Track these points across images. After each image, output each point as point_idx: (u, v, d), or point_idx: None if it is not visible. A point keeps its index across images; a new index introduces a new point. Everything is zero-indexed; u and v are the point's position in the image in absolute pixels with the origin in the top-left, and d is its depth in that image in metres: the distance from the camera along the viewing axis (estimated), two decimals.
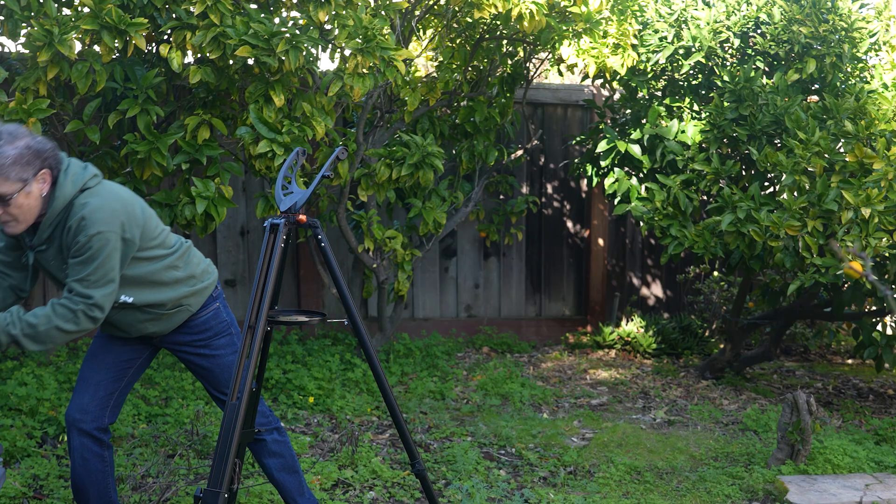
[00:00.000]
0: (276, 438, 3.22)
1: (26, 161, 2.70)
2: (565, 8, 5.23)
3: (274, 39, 4.06)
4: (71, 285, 2.79)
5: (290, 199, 2.83)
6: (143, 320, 3.01)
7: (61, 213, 2.80)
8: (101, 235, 2.77)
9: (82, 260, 2.77)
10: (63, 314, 2.77)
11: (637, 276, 7.35)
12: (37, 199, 2.75)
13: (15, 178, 2.69)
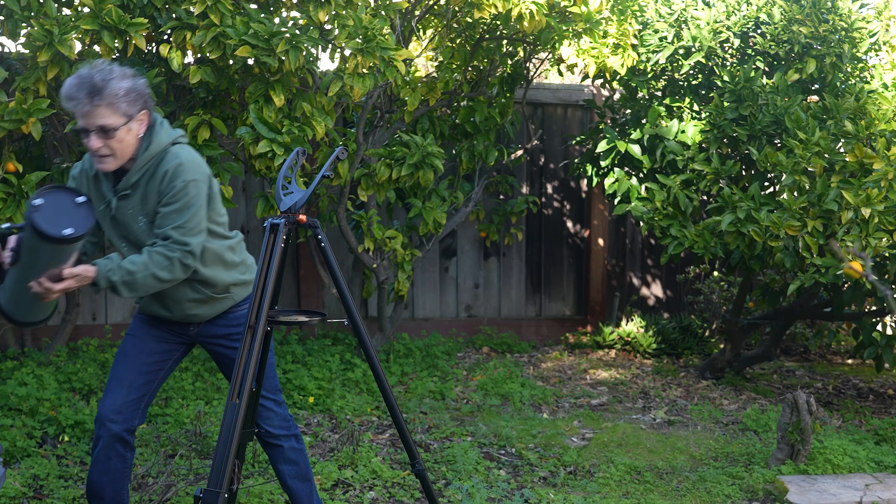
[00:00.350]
0: (293, 446, 3.20)
1: (133, 98, 2.80)
2: (565, 8, 5.23)
3: (274, 39, 4.07)
4: (167, 233, 2.83)
5: (290, 199, 2.83)
6: (192, 299, 3.01)
7: (153, 159, 2.87)
8: (196, 183, 2.87)
9: (179, 207, 2.84)
10: (159, 262, 2.82)
11: (637, 276, 7.35)
12: (135, 137, 2.84)
13: (122, 113, 2.78)
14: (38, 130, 4.01)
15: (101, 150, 2.81)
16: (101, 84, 2.75)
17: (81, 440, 4.19)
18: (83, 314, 5.80)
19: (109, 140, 2.79)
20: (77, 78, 2.78)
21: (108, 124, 2.77)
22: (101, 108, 2.76)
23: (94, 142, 2.79)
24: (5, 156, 4.22)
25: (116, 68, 2.82)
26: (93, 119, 2.77)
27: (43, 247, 2.62)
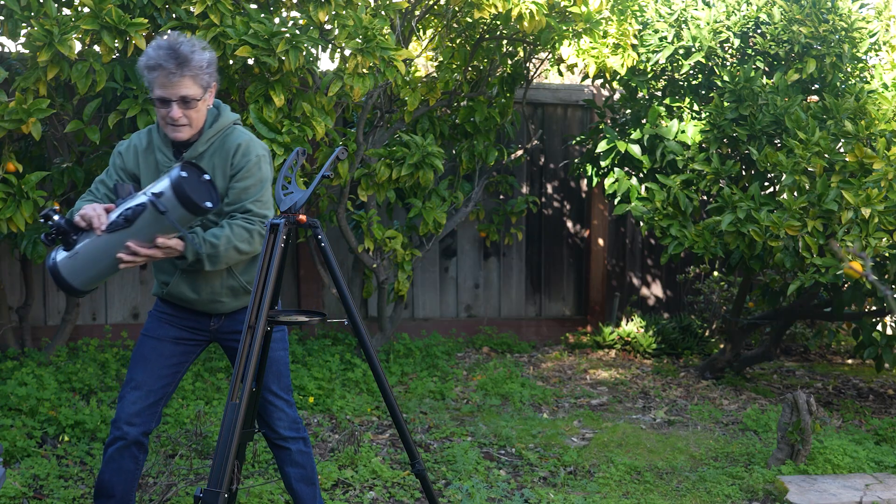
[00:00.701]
0: (301, 449, 3.19)
1: (212, 71, 2.90)
2: (565, 8, 5.23)
3: (274, 39, 4.07)
4: (246, 206, 2.91)
5: (290, 199, 2.83)
6: (225, 285, 3.02)
7: (220, 133, 2.96)
8: (266, 159, 2.98)
9: (255, 181, 2.93)
10: (240, 234, 2.89)
11: (637, 276, 7.35)
12: (206, 108, 2.93)
13: (203, 84, 2.86)
14: (38, 130, 4.01)
15: (181, 119, 2.87)
16: (188, 55, 2.82)
17: (81, 440, 4.19)
18: (83, 314, 5.80)
19: (189, 110, 2.87)
20: (162, 49, 2.82)
21: (189, 94, 2.84)
22: (186, 78, 2.82)
23: (175, 111, 2.85)
24: (5, 156, 4.22)
25: (196, 40, 2.89)
26: (176, 89, 2.83)
27: (174, 215, 2.70)
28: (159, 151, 2.98)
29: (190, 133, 2.92)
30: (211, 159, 2.95)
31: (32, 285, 5.51)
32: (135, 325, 5.96)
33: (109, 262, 2.78)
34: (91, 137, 4.27)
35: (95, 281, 2.85)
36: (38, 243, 4.63)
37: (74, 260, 2.78)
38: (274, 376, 3.11)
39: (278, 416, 3.13)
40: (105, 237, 2.75)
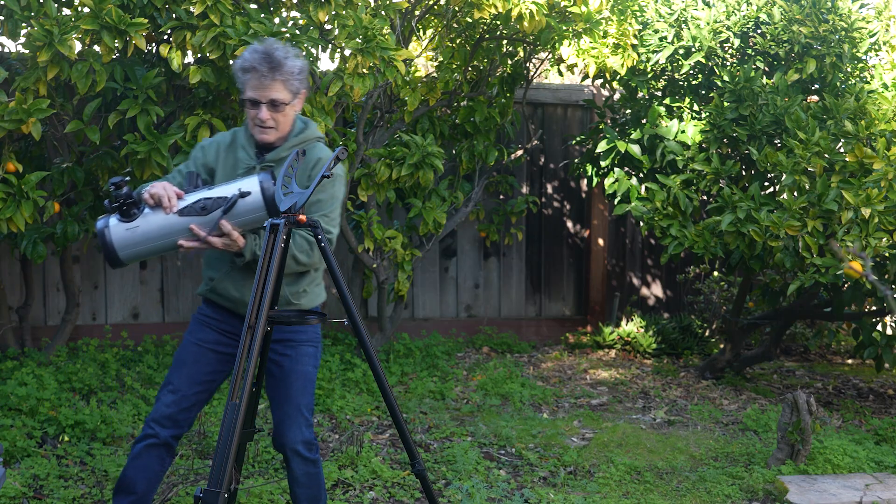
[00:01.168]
0: (309, 471, 3.11)
1: (302, 78, 2.99)
2: (565, 8, 5.23)
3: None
4: (314, 220, 2.91)
5: (290, 199, 2.83)
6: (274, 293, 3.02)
7: (305, 143, 3.03)
8: (341, 179, 3.08)
9: (326, 197, 3.00)
10: (300, 244, 2.95)
11: (637, 276, 7.35)
12: (293, 114, 3.02)
13: (292, 90, 2.96)
14: (38, 130, 4.01)
15: (268, 122, 2.95)
16: (281, 60, 2.91)
17: (81, 440, 4.20)
18: (83, 314, 5.80)
19: (277, 113, 2.95)
20: (258, 53, 2.92)
21: (279, 99, 2.93)
22: (277, 82, 2.91)
23: (263, 113, 2.94)
24: (5, 156, 4.22)
25: (290, 48, 2.98)
26: (267, 92, 2.92)
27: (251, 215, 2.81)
28: (242, 150, 3.05)
29: (276, 136, 2.99)
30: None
31: (32, 285, 5.51)
32: (135, 325, 5.96)
33: (166, 243, 2.83)
34: (91, 137, 4.27)
35: (141, 257, 2.89)
36: (38, 243, 4.63)
37: (132, 233, 2.81)
38: (299, 391, 3.09)
39: (294, 433, 3.08)
40: (174, 218, 2.81)
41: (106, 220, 2.82)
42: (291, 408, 3.08)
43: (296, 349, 3.09)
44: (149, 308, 6.05)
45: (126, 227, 2.80)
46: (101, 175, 4.63)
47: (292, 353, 3.09)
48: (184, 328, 5.97)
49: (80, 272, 5.80)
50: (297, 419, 3.08)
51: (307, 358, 3.11)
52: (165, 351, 5.58)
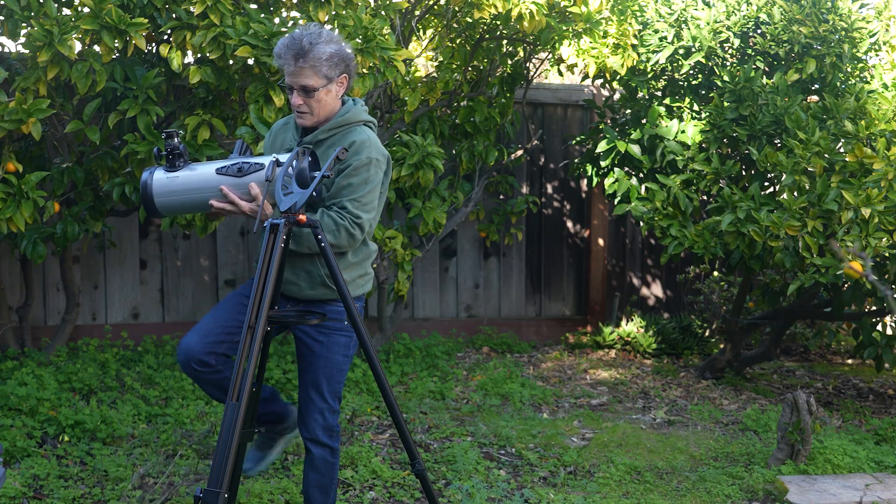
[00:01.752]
0: (326, 457, 3.17)
1: (335, 62, 3.01)
2: (565, 8, 5.23)
3: (274, 39, 4.06)
4: (343, 203, 3.00)
5: (290, 199, 2.83)
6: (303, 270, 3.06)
7: (345, 126, 3.08)
8: (378, 163, 3.06)
9: (358, 181, 3.02)
10: (328, 224, 2.97)
11: (637, 276, 7.35)
12: (333, 99, 3.06)
13: (323, 75, 2.99)
14: (38, 130, 4.01)
15: (302, 107, 3.03)
16: (307, 47, 2.96)
17: (81, 440, 4.20)
18: (83, 314, 5.81)
19: (309, 99, 3.01)
20: (288, 38, 3.00)
21: (308, 85, 2.99)
22: (305, 69, 2.97)
23: (295, 99, 3.02)
24: (5, 156, 4.22)
25: (325, 32, 3.02)
26: (297, 78, 2.99)
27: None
28: (289, 132, 3.16)
29: (312, 121, 3.06)
30: (328, 150, 3.06)
31: (32, 285, 5.51)
32: (135, 325, 5.96)
33: (198, 198, 2.90)
34: (91, 137, 4.27)
35: (175, 209, 2.94)
36: (38, 243, 4.63)
37: (172, 182, 2.89)
38: (324, 377, 3.11)
39: (314, 417, 3.12)
40: (211, 174, 2.90)
41: (151, 171, 2.91)
42: (314, 392, 3.12)
43: (328, 336, 3.12)
44: (149, 308, 6.05)
45: (168, 176, 2.90)
46: (101, 175, 4.63)
47: (324, 340, 3.11)
48: (184, 328, 6.01)
49: (80, 272, 5.80)
50: (318, 404, 3.12)
51: (338, 347, 3.14)
52: (165, 351, 5.58)
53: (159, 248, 6.05)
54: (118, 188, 4.45)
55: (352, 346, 3.18)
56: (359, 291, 3.19)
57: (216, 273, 6.18)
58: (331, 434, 3.15)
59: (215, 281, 6.18)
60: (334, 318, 3.12)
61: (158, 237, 6.02)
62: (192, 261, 6.13)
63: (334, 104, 3.08)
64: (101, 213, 4.89)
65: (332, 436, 3.16)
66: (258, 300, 2.76)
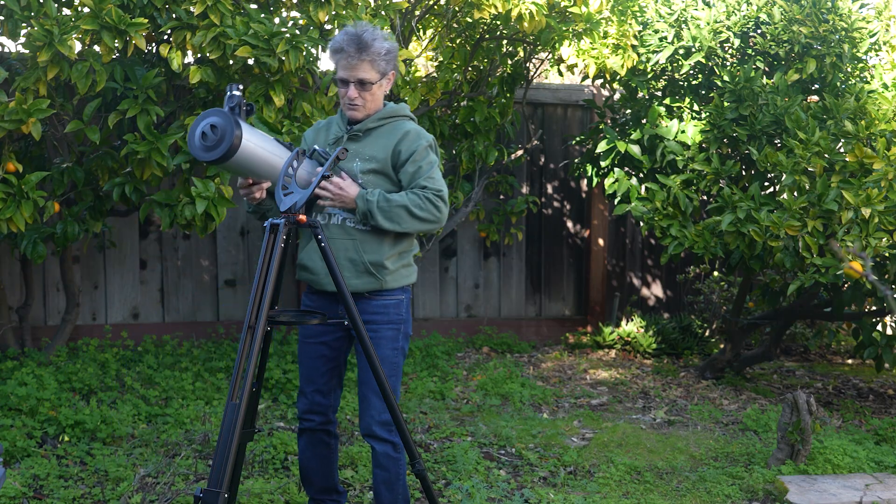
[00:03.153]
0: (388, 452, 3.18)
1: (390, 58, 3.12)
2: (565, 8, 5.23)
3: (274, 40, 4.07)
4: (421, 184, 3.10)
5: (290, 199, 2.83)
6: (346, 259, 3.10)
7: (392, 118, 3.19)
8: (432, 147, 3.18)
9: (426, 164, 3.12)
10: (413, 199, 3.06)
11: (637, 276, 7.35)
12: (382, 93, 3.18)
13: (379, 70, 3.10)
14: (38, 130, 4.01)
15: (356, 100, 3.12)
16: (368, 41, 3.06)
17: (81, 440, 4.20)
18: (83, 314, 5.81)
19: (364, 92, 3.11)
20: (345, 34, 3.09)
21: (366, 78, 3.09)
22: (364, 62, 3.07)
23: (352, 91, 3.10)
24: (5, 156, 4.22)
25: (378, 30, 3.12)
26: (355, 72, 3.08)
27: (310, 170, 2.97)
28: (336, 126, 3.23)
29: (364, 113, 3.15)
30: (377, 139, 3.15)
31: (32, 285, 5.52)
32: (135, 325, 5.96)
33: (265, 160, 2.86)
34: (91, 137, 4.27)
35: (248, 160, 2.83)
36: (38, 243, 4.63)
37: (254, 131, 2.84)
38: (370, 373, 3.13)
39: (370, 414, 3.15)
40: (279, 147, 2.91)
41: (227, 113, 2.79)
42: (368, 389, 3.16)
43: (376, 332, 3.15)
44: (149, 308, 6.05)
45: (248, 125, 2.84)
46: (101, 175, 4.63)
47: (372, 336, 3.13)
48: (184, 328, 6.02)
49: (80, 272, 5.80)
50: (372, 401, 3.15)
51: (386, 341, 3.17)
52: (165, 351, 5.58)
53: (159, 248, 6.05)
54: (118, 188, 4.45)
55: (401, 339, 3.22)
56: (403, 282, 3.22)
57: (216, 273, 6.18)
58: (389, 429, 3.16)
59: (215, 281, 6.18)
60: (378, 310, 3.15)
61: (158, 237, 6.03)
62: (192, 261, 6.13)
63: (381, 100, 3.19)
64: (101, 213, 4.89)
65: (391, 431, 3.16)
66: (258, 300, 2.76)
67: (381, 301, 3.16)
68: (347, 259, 3.11)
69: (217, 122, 2.76)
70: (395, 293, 3.19)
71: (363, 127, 3.16)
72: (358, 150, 3.16)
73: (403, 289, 3.22)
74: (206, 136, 2.77)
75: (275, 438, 4.29)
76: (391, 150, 3.13)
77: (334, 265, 2.90)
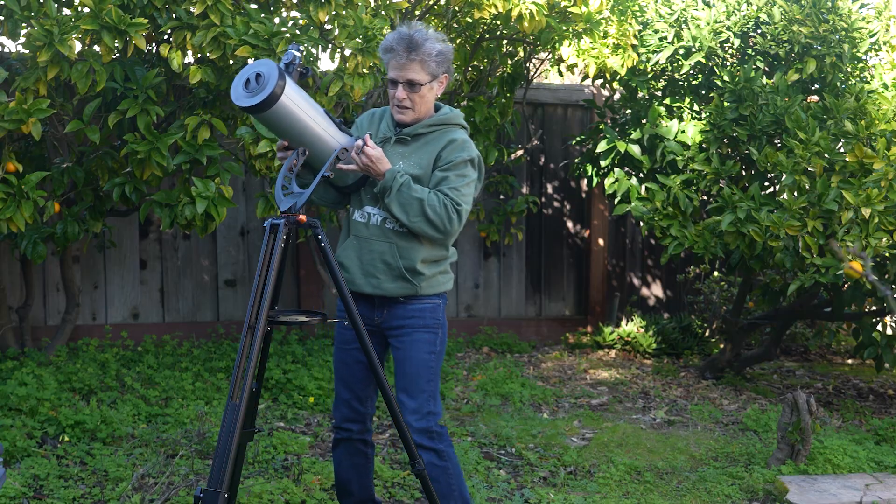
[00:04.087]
0: (431, 461, 3.09)
1: (441, 60, 3.05)
2: (565, 8, 5.23)
3: (274, 39, 4.07)
4: (445, 191, 3.01)
5: (290, 199, 2.83)
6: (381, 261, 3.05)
7: (443, 125, 3.12)
8: (475, 163, 3.11)
9: (458, 174, 3.04)
10: (433, 199, 2.99)
11: (637, 276, 7.35)
12: (433, 96, 3.11)
13: (429, 72, 3.03)
14: (38, 130, 4.01)
15: (405, 101, 3.06)
16: (419, 41, 3.01)
17: (81, 440, 4.20)
18: (83, 314, 5.80)
19: (413, 93, 3.04)
20: (397, 33, 3.04)
21: (415, 79, 3.02)
22: (414, 63, 3.01)
23: (400, 92, 3.05)
24: (5, 156, 4.22)
25: (432, 31, 3.07)
26: (404, 72, 3.02)
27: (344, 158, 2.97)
28: (385, 124, 3.17)
29: (412, 117, 3.08)
30: (424, 146, 3.09)
31: (32, 285, 5.51)
32: (135, 325, 5.96)
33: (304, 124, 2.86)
34: (91, 137, 4.27)
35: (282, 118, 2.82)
36: (38, 243, 4.63)
37: (300, 92, 2.83)
38: (411, 377, 3.10)
39: (407, 420, 3.07)
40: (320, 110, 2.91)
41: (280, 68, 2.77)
42: (403, 394, 3.11)
43: (410, 335, 3.11)
44: (149, 308, 6.05)
45: (295, 84, 2.83)
46: (101, 175, 4.63)
47: (407, 340, 3.11)
48: (184, 328, 6.02)
49: (80, 272, 5.80)
50: (409, 405, 3.10)
51: (422, 344, 3.13)
52: (165, 351, 5.58)
53: (159, 248, 6.05)
54: (118, 188, 4.45)
55: (438, 343, 3.17)
56: (439, 289, 3.18)
57: (216, 273, 6.18)
58: (430, 436, 3.08)
59: (215, 281, 6.18)
60: (414, 315, 3.12)
61: (158, 237, 6.02)
62: (192, 261, 6.13)
63: (431, 104, 3.12)
64: (101, 213, 4.89)
65: (432, 437, 3.09)
66: (258, 300, 2.76)
67: (416, 305, 3.13)
68: (383, 262, 3.07)
69: (263, 72, 2.76)
70: (430, 298, 3.16)
71: (412, 132, 3.10)
72: (404, 154, 3.10)
73: (439, 294, 3.19)
74: (248, 84, 2.76)
75: (275, 438, 4.29)
76: (434, 157, 3.07)
77: (334, 265, 2.90)
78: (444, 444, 3.13)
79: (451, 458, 3.15)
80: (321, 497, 3.74)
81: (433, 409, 3.12)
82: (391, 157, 3.06)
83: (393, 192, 2.97)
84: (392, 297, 3.10)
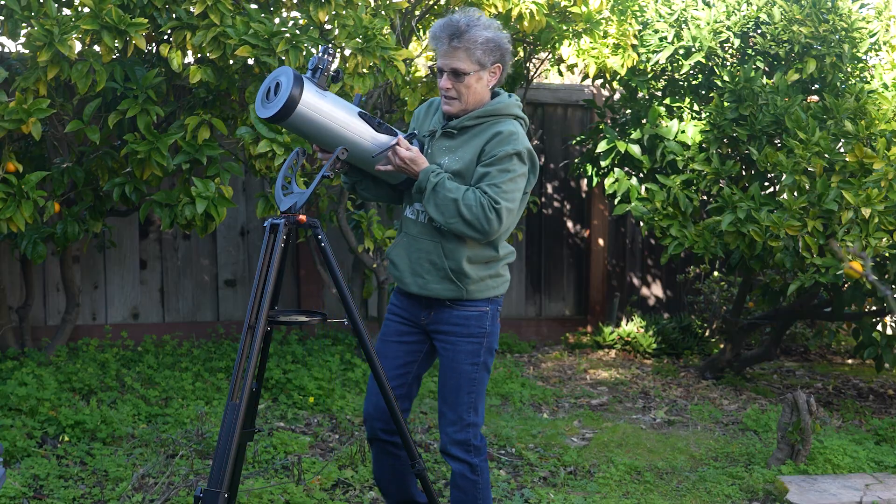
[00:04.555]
0: (464, 473, 3.06)
1: (490, 48, 2.89)
2: (565, 8, 5.23)
3: (274, 39, 4.07)
4: (483, 188, 2.89)
5: (290, 199, 2.83)
6: (426, 260, 2.95)
7: (493, 117, 2.97)
8: (521, 156, 3.00)
9: (499, 169, 2.92)
10: (468, 198, 2.85)
11: (637, 276, 7.35)
12: (484, 87, 2.94)
13: (475, 60, 2.88)
14: (38, 130, 4.01)
15: (450, 91, 2.92)
16: (463, 29, 2.86)
17: (81, 440, 4.19)
18: (83, 314, 5.80)
19: (458, 83, 2.90)
20: (445, 20, 2.91)
21: (460, 68, 2.88)
22: (458, 51, 2.87)
23: (444, 82, 2.91)
24: (5, 156, 4.22)
25: (484, 18, 2.92)
26: (449, 60, 2.88)
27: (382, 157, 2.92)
28: (432, 116, 3.06)
29: (459, 108, 2.94)
30: (471, 139, 2.95)
31: (32, 285, 5.51)
32: (135, 325, 5.96)
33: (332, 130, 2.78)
34: (91, 137, 4.27)
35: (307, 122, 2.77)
36: (38, 243, 4.63)
37: (322, 97, 2.76)
38: (452, 388, 3.01)
39: (445, 431, 3.03)
40: (352, 113, 2.82)
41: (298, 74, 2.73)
42: (443, 404, 3.04)
43: (454, 344, 3.00)
44: (149, 308, 6.05)
45: (317, 90, 2.76)
46: (101, 175, 4.63)
47: (450, 349, 3.00)
48: (184, 328, 6.02)
49: (80, 272, 5.80)
50: (449, 416, 3.03)
51: (465, 355, 2.99)
52: (165, 351, 5.58)
53: (159, 248, 6.05)
54: (118, 188, 4.45)
55: (482, 354, 3.01)
56: (489, 293, 3.00)
57: (216, 273, 6.18)
58: (466, 449, 3.01)
59: (215, 281, 6.18)
60: (460, 322, 2.99)
61: (158, 237, 6.02)
62: (192, 261, 6.13)
63: (484, 93, 2.95)
64: (101, 213, 4.89)
65: (469, 451, 3.02)
66: (258, 300, 2.76)
67: (461, 312, 2.98)
68: (429, 262, 2.95)
69: (281, 82, 2.73)
70: (478, 304, 2.99)
71: (459, 124, 2.95)
72: (450, 148, 2.96)
73: (490, 300, 3.01)
74: (269, 94, 2.74)
75: (275, 438, 4.29)
76: (478, 151, 2.93)
77: (334, 265, 2.90)
78: (479, 458, 3.06)
79: (482, 474, 3.08)
80: (321, 497, 3.74)
81: (471, 421, 3.03)
82: (437, 152, 2.96)
83: (427, 193, 2.85)
84: (439, 299, 2.98)
